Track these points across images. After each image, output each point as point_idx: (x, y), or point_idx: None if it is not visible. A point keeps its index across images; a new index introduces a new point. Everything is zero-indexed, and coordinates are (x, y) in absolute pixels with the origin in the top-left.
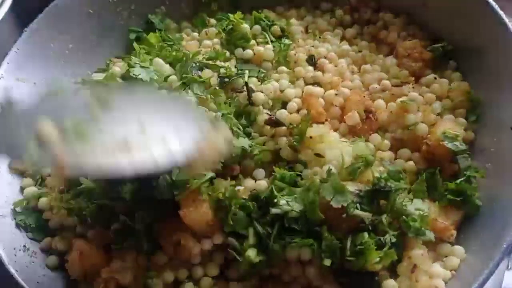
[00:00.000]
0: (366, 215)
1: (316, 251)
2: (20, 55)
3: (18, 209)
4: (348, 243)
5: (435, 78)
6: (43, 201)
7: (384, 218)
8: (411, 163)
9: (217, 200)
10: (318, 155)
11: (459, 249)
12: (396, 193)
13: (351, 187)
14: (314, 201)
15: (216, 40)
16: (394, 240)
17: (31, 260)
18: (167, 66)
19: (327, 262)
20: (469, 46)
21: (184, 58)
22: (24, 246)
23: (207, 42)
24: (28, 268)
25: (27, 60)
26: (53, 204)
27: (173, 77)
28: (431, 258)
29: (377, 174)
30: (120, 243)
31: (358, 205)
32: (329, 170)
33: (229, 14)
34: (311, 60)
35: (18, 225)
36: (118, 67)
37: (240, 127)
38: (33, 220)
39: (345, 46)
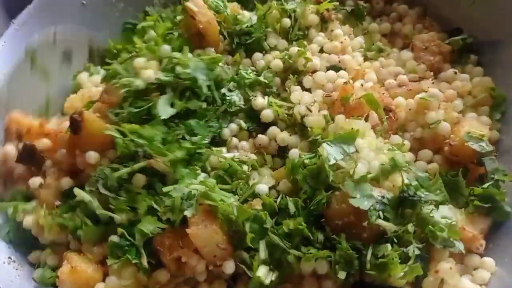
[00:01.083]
0: (389, 226)
1: (333, 263)
2: (6, 49)
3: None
4: (369, 255)
5: (455, 73)
6: (28, 220)
7: (410, 226)
8: (434, 165)
9: (228, 218)
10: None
11: (489, 261)
12: (425, 203)
13: (374, 192)
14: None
15: None
16: (418, 252)
17: (16, 273)
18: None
19: (342, 275)
20: (490, 38)
21: None
22: (9, 257)
23: None
24: (13, 283)
25: (14, 54)
26: (42, 223)
27: None
28: (459, 271)
29: (407, 181)
30: (117, 258)
31: (380, 212)
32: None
33: None
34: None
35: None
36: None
37: None
38: (20, 235)
39: (359, 38)
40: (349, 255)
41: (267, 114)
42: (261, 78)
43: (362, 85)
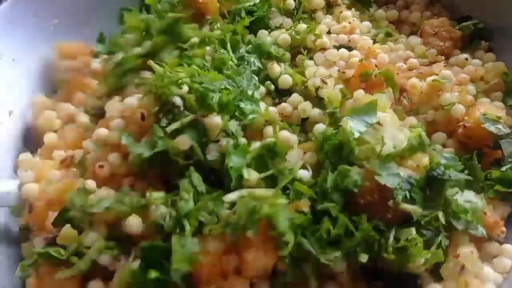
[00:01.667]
0: (415, 209)
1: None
2: None
3: None
4: (391, 237)
5: (466, 59)
6: None
7: (441, 215)
8: (450, 149)
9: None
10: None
11: (509, 248)
12: (453, 184)
13: (402, 171)
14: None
15: None
16: (446, 241)
17: None
18: None
19: (364, 258)
20: (500, 24)
21: None
22: None
23: None
24: None
25: (6, 34)
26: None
27: None
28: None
29: (436, 160)
30: None
31: (407, 192)
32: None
33: None
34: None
35: None
36: None
37: None
38: None
39: (366, 23)
40: (371, 236)
41: (285, 79)
42: (273, 51)
43: (376, 65)
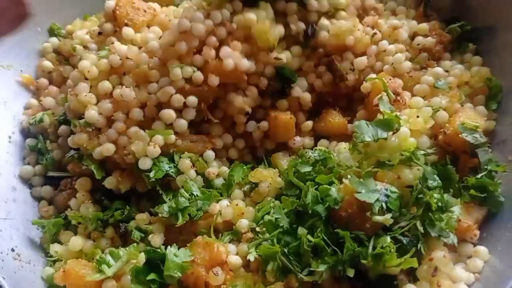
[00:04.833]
0: (386, 220)
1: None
2: (5, 41)
3: None
4: (370, 248)
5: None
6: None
7: (418, 223)
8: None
9: None
10: None
11: (482, 250)
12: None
13: (379, 185)
14: None
15: None
16: (424, 249)
17: (20, 265)
18: None
19: (351, 273)
20: (487, 25)
21: None
22: (12, 249)
23: None
24: (16, 274)
25: (14, 46)
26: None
27: None
28: (452, 259)
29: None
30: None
31: (383, 203)
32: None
33: None
34: None
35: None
36: None
37: None
38: None
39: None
40: (356, 252)
41: None
42: None
43: None
